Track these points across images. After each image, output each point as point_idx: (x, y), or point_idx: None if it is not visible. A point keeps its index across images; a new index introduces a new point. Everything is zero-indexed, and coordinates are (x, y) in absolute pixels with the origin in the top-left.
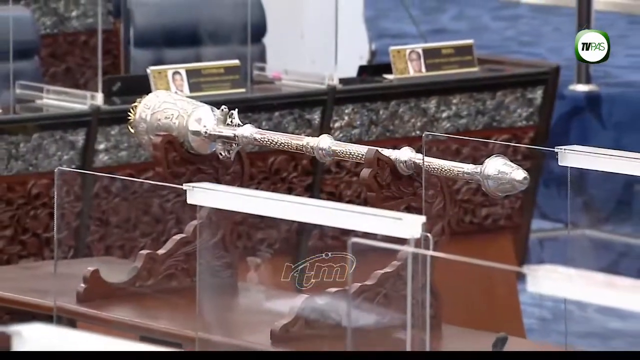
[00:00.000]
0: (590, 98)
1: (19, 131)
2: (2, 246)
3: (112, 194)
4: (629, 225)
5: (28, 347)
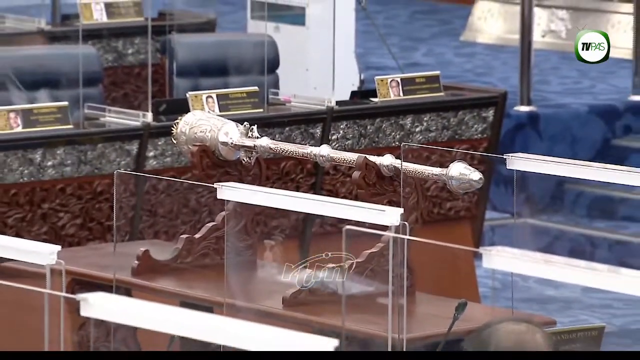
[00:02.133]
0: (530, 116)
1: (87, 142)
2: (74, 232)
3: (159, 191)
4: (561, 215)
5: (93, 311)
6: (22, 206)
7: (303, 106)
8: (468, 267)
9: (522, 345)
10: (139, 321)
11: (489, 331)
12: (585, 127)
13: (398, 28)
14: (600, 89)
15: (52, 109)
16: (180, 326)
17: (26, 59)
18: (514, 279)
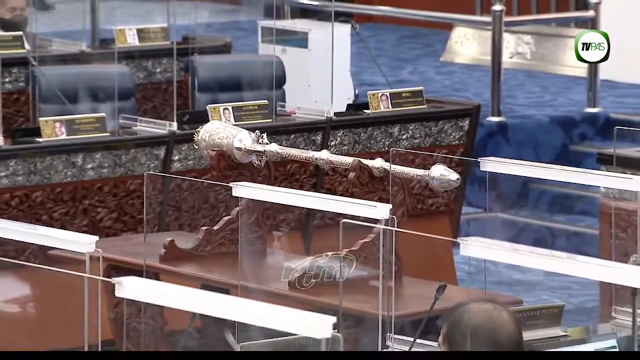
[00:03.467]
0: (500, 126)
1: (121, 147)
2: (110, 224)
3: (183, 189)
4: (526, 210)
5: (126, 292)
6: (65, 202)
7: (306, 117)
8: (447, 255)
9: (491, 320)
10: (165, 301)
11: (462, 310)
12: (547, 135)
13: (387, 50)
14: (559, 102)
15: (91, 119)
16: (201, 305)
17: (70, 76)
18: (486, 264)
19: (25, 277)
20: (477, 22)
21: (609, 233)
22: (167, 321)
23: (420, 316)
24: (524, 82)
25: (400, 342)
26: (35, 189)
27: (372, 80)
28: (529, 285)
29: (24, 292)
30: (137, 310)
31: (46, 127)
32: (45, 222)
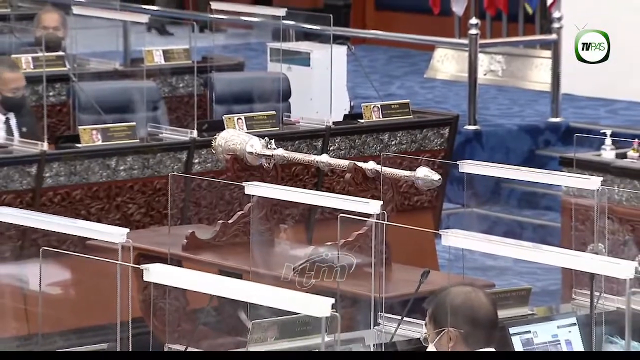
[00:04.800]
0: (475, 133)
1: (149, 152)
2: (139, 218)
3: (202, 188)
4: (498, 206)
5: (153, 277)
6: (101, 199)
7: (308, 125)
8: (430, 245)
9: (470, 302)
10: (186, 284)
11: (445, 293)
12: (516, 141)
13: (378, 68)
14: (526, 113)
15: (123, 127)
16: (217, 288)
17: (105, 91)
18: (464, 253)
19: (67, 263)
20: (455, 44)
21: (570, 226)
22: (189, 301)
23: (407, 297)
24: (496, 95)
25: (389, 320)
26: (75, 187)
27: (366, 94)
28: (501, 270)
29: (65, 277)
30: (162, 292)
31: (84, 135)
32: (83, 216)
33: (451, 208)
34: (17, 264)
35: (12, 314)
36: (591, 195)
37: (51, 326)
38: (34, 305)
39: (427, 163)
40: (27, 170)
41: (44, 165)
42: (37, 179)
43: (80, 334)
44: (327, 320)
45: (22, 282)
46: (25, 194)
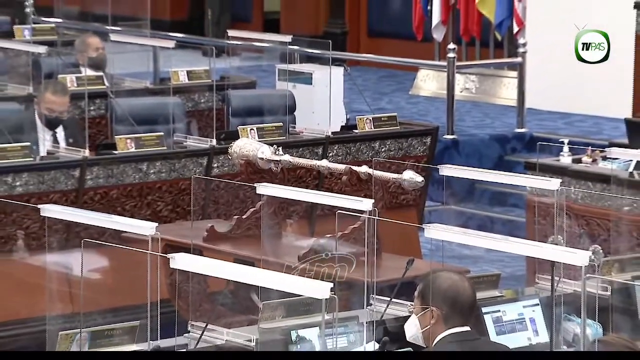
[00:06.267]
0: (453, 141)
1: (175, 157)
2: (167, 214)
3: (220, 188)
4: (472, 203)
5: (178, 264)
6: (134, 198)
7: (310, 135)
8: (414, 237)
9: (455, 286)
10: (207, 271)
11: (434, 276)
12: (487, 148)
13: (370, 86)
14: (496, 124)
15: (153, 137)
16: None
17: (137, 106)
18: (443, 244)
19: (105, 253)
20: (436, 65)
21: (533, 220)
22: (209, 285)
23: (395, 282)
24: (471, 109)
25: (380, 301)
26: (111, 188)
27: (359, 108)
28: (474, 259)
29: (103, 264)
30: (186, 277)
31: (120, 143)
32: (119, 212)
33: (432, 205)
34: (62, 253)
35: (59, 295)
36: (551, 195)
37: (91, 306)
38: (76, 288)
39: (412, 167)
40: (71, 174)
41: (85, 169)
42: (79, 181)
43: (115, 313)
44: (327, 301)
45: (67, 268)
46: (70, 193)
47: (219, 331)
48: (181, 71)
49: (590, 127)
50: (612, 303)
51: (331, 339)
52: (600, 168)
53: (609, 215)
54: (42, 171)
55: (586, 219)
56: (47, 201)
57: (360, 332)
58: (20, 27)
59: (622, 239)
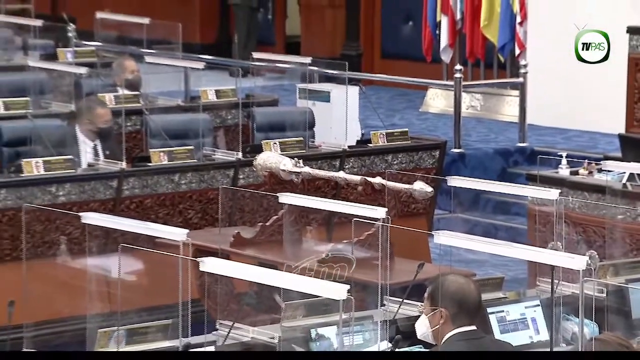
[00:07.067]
0: (460, 155)
1: (204, 169)
2: (197, 221)
3: (245, 197)
4: (477, 212)
5: (207, 268)
6: (167, 206)
7: (328, 149)
8: (424, 243)
9: (462, 289)
10: (233, 274)
11: (443, 278)
12: (491, 161)
13: (383, 104)
14: (500, 139)
15: (184, 150)
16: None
17: (170, 122)
18: (451, 249)
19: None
20: (444, 85)
21: (534, 228)
22: (235, 286)
23: (407, 284)
24: (476, 125)
25: (393, 302)
26: (146, 197)
27: (373, 124)
28: (480, 263)
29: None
30: (214, 279)
31: (154, 156)
32: (153, 220)
33: (441, 214)
34: (101, 257)
35: (98, 296)
36: (551, 204)
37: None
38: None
39: (422, 178)
40: (109, 184)
41: (122, 180)
42: (117, 191)
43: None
44: (344, 302)
45: (106, 271)
46: (108, 202)
47: (245, 329)
48: (210, 90)
49: (586, 141)
50: (608, 304)
51: (348, 336)
52: (595, 179)
53: (604, 223)
54: (83, 182)
55: (583, 227)
56: (87, 209)
57: (375, 330)
58: (63, 50)
59: (616, 245)
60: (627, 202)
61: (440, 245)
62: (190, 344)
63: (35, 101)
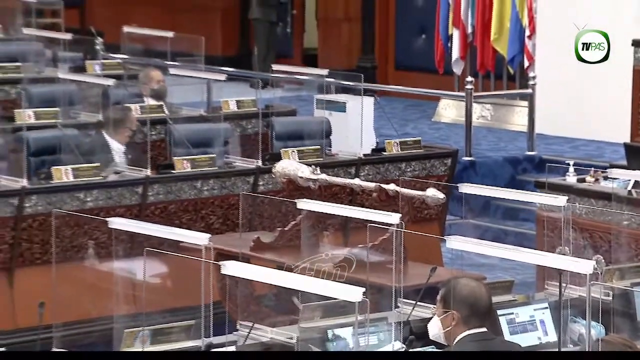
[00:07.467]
0: (471, 163)
1: (226, 176)
2: (218, 226)
3: (265, 203)
4: (487, 217)
5: (229, 271)
6: (190, 212)
7: (344, 157)
8: (437, 247)
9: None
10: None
11: (455, 282)
12: (501, 169)
13: (397, 114)
14: (509, 148)
15: (206, 158)
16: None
17: (193, 131)
18: (462, 253)
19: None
20: (455, 95)
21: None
22: (255, 289)
23: (420, 287)
24: (486, 134)
25: (406, 304)
26: (170, 203)
27: (387, 133)
28: (490, 267)
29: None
30: (235, 282)
31: (177, 164)
32: (176, 224)
33: (452, 219)
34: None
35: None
36: (559, 210)
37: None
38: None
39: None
40: (135, 190)
41: (147, 187)
42: (142, 197)
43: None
44: (359, 304)
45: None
46: (134, 208)
47: (264, 330)
48: (231, 101)
49: (593, 150)
50: (614, 307)
51: (363, 337)
52: (602, 187)
53: (610, 229)
54: (110, 188)
55: (590, 232)
56: (114, 215)
57: (389, 331)
58: (91, 63)
59: (621, 249)
60: (632, 208)
61: (452, 249)
62: (212, 344)
63: (65, 111)
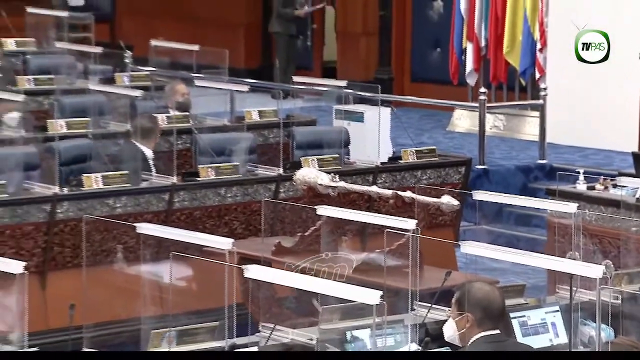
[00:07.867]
0: (484, 171)
1: (248, 183)
2: (241, 231)
3: (286, 210)
4: (500, 224)
5: (252, 274)
6: (214, 217)
7: (362, 165)
8: (451, 252)
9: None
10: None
11: (469, 285)
12: (513, 177)
13: (413, 123)
14: (521, 156)
15: (229, 166)
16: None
17: (217, 140)
18: (476, 258)
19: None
20: (469, 106)
21: (553, 239)
22: (277, 291)
23: (435, 290)
24: (499, 144)
25: (422, 306)
26: (195, 209)
27: (404, 142)
28: (502, 271)
29: (188, 274)
30: (257, 285)
31: (202, 171)
32: (201, 230)
33: (466, 225)
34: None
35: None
36: (569, 217)
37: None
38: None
39: (449, 193)
40: (162, 197)
41: (174, 193)
42: (168, 203)
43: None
44: (377, 306)
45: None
46: (160, 214)
47: (285, 331)
48: (253, 111)
49: (602, 159)
50: (623, 310)
51: (380, 338)
52: (611, 194)
53: (619, 235)
54: (138, 195)
55: (599, 238)
56: (141, 220)
57: (406, 333)
58: (120, 75)
59: (630, 255)
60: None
61: (466, 254)
62: (235, 345)
63: (95, 121)
